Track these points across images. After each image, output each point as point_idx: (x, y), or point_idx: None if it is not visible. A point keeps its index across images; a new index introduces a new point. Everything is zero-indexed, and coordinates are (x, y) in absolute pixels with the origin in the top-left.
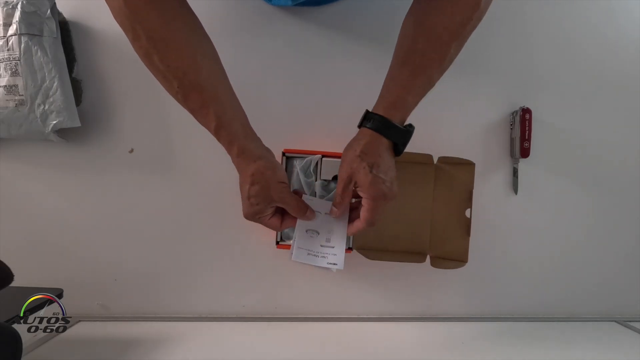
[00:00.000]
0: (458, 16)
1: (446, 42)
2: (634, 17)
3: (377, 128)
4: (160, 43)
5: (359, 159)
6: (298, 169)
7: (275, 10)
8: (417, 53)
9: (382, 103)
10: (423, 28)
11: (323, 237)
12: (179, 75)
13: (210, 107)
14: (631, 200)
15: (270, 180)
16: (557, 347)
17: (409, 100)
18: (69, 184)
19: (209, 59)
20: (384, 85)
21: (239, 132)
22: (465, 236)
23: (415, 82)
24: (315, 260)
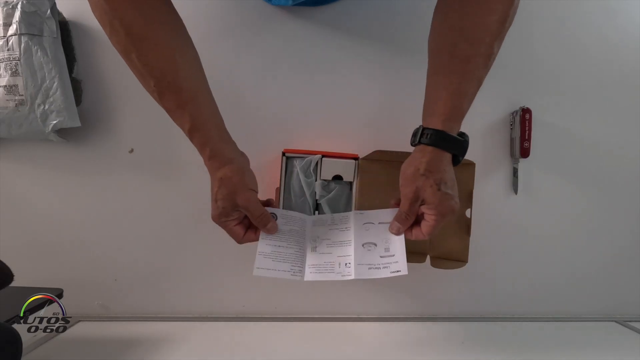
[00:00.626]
0: (495, 15)
1: (488, 44)
2: (634, 17)
3: (437, 143)
4: (138, 41)
5: (424, 177)
6: (298, 169)
7: (275, 10)
8: (462, 59)
9: (436, 115)
10: (462, 32)
11: (381, 248)
12: (157, 75)
13: (185, 109)
14: (631, 200)
15: (237, 184)
16: (557, 347)
17: (464, 108)
18: (69, 184)
19: (189, 60)
20: (432, 95)
21: (212, 135)
22: (465, 236)
23: (467, 89)
24: (378, 273)
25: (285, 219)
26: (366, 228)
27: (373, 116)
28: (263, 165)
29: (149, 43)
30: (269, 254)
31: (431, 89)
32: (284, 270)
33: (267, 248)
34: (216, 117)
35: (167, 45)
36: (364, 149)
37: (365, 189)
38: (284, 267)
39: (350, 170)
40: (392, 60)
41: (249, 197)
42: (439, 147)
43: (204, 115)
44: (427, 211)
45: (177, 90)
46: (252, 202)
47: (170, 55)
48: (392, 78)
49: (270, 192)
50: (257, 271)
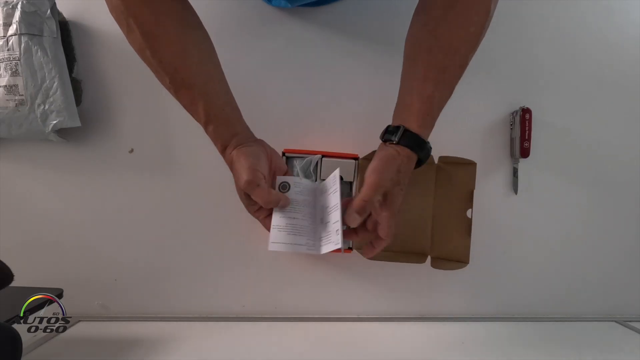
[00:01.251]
0: (472, 27)
1: (464, 55)
2: (633, 17)
3: (413, 147)
4: (152, 38)
5: (398, 176)
6: (298, 169)
7: (275, 11)
8: (438, 68)
9: (413, 120)
10: (439, 41)
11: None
12: (170, 71)
13: (199, 104)
14: (631, 200)
15: (239, 168)
16: (557, 347)
17: (435, 115)
18: (69, 184)
19: (201, 54)
20: (407, 99)
21: (224, 128)
22: (466, 237)
23: (441, 96)
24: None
25: (299, 188)
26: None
27: (373, 116)
28: None
29: (161, 40)
30: (284, 227)
31: (407, 93)
32: (300, 244)
33: (281, 221)
34: (229, 108)
35: (179, 41)
36: (364, 149)
37: None
38: (300, 240)
39: (350, 170)
40: (392, 61)
41: (248, 177)
42: (415, 151)
43: (217, 109)
44: (383, 211)
45: (190, 85)
46: (252, 183)
47: (183, 51)
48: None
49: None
50: (273, 246)
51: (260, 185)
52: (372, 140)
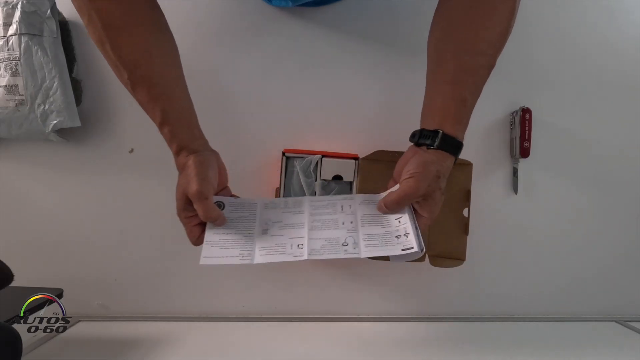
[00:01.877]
0: (497, 27)
1: (492, 55)
2: (633, 17)
3: (452, 151)
4: (114, 33)
5: (439, 181)
6: (298, 169)
7: (275, 11)
8: (467, 71)
9: (448, 122)
10: (465, 45)
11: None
12: (130, 67)
13: (157, 102)
14: (631, 200)
15: (191, 175)
16: (557, 347)
17: (469, 116)
18: (69, 184)
19: (165, 55)
20: (439, 101)
21: (181, 130)
22: (463, 235)
23: (473, 98)
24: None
25: (233, 207)
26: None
27: (373, 116)
28: (263, 165)
29: (125, 35)
30: (217, 243)
31: (438, 96)
32: (232, 256)
33: (214, 237)
34: (188, 113)
35: (143, 39)
36: (364, 149)
37: (365, 189)
38: (233, 252)
39: (350, 170)
40: (393, 61)
41: (199, 187)
42: (454, 153)
43: (175, 111)
44: (422, 211)
45: (150, 84)
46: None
47: (145, 49)
48: (393, 78)
49: (270, 192)
50: (204, 260)
51: (208, 198)
52: (372, 140)
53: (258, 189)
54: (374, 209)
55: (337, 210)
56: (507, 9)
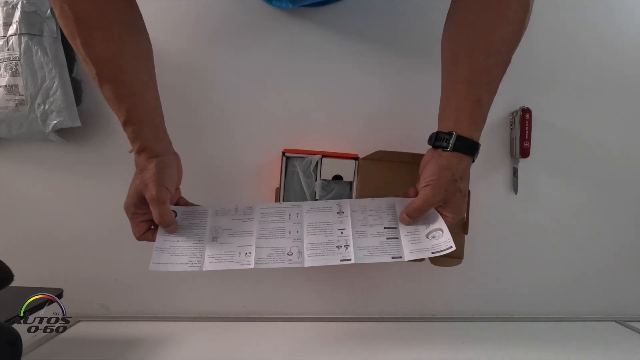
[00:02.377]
0: (511, 26)
1: (506, 53)
2: (633, 17)
3: (469, 152)
4: (86, 29)
5: (456, 184)
6: (298, 169)
7: (275, 11)
8: (481, 71)
9: (463, 123)
10: (479, 44)
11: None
12: (99, 65)
13: (122, 102)
14: (631, 199)
15: (151, 178)
16: (557, 347)
17: (485, 116)
18: (69, 184)
19: (136, 56)
20: (454, 102)
21: (145, 132)
22: (461, 234)
23: (489, 98)
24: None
25: (185, 215)
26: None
27: (373, 116)
28: (263, 165)
29: (97, 33)
30: (167, 249)
31: (453, 96)
32: (181, 263)
33: (165, 244)
34: (154, 114)
35: (115, 38)
36: (364, 149)
37: (365, 189)
38: (182, 260)
39: (350, 170)
40: (393, 61)
41: (157, 193)
42: (470, 154)
43: (141, 112)
44: (446, 213)
45: (118, 83)
46: (159, 200)
47: (117, 49)
48: (393, 78)
49: (270, 192)
50: (153, 266)
51: (165, 203)
52: (372, 140)
53: (258, 189)
54: (320, 217)
55: (285, 219)
56: (521, 7)
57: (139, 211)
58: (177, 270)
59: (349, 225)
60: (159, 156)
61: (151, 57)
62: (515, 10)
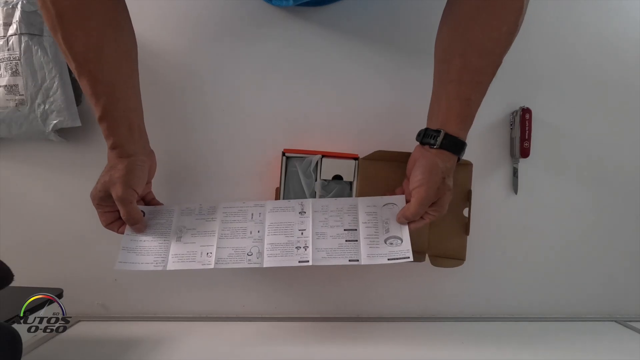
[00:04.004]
0: (505, 26)
1: (499, 54)
2: (633, 18)
3: (455, 150)
4: (68, 23)
5: (445, 182)
6: (298, 169)
7: (275, 10)
8: (473, 70)
9: (452, 122)
10: (472, 44)
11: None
12: (79, 60)
13: (99, 98)
14: (631, 200)
15: (118, 178)
16: (557, 347)
17: (473, 116)
18: (69, 184)
19: (118, 53)
20: (444, 101)
21: (120, 129)
22: (463, 235)
23: (477, 98)
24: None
25: (152, 214)
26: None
27: (373, 116)
28: (263, 165)
29: (78, 29)
30: (133, 249)
31: (443, 96)
32: (146, 262)
33: (131, 243)
34: (131, 113)
35: (96, 34)
36: (364, 149)
37: (365, 189)
38: (147, 259)
39: (350, 170)
40: (393, 61)
41: (123, 194)
42: (456, 154)
43: (118, 109)
44: (430, 211)
45: (96, 80)
46: (125, 200)
47: (98, 46)
48: (393, 78)
49: (270, 192)
50: (119, 265)
51: (132, 202)
52: (372, 140)
53: (258, 189)
54: (282, 217)
55: (247, 218)
56: (515, 8)
57: (104, 203)
58: (142, 270)
59: (310, 226)
60: (130, 156)
61: (134, 55)
62: (509, 12)
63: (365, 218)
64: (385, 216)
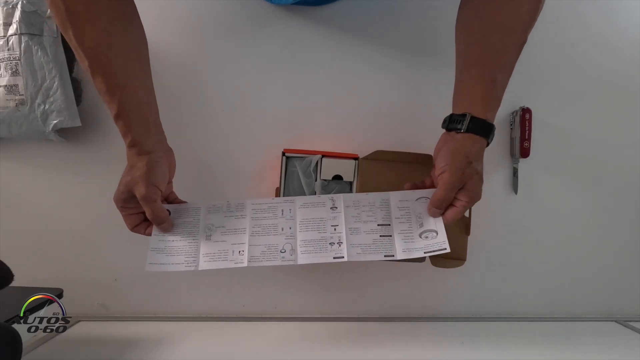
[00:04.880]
0: (525, 5)
1: (522, 32)
2: (633, 18)
3: (481, 132)
4: (77, 19)
5: (472, 166)
6: (298, 169)
7: (275, 9)
8: (496, 51)
9: (477, 104)
10: (493, 25)
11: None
12: (90, 56)
13: (114, 95)
14: (631, 200)
15: (141, 177)
16: (557, 347)
17: (500, 97)
18: (69, 184)
19: (130, 50)
20: (468, 85)
21: (136, 125)
22: (464, 235)
23: (503, 78)
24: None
25: (178, 213)
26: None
27: (373, 116)
28: (263, 165)
29: (88, 24)
30: (162, 250)
31: (467, 79)
32: (177, 263)
33: (160, 244)
34: (146, 107)
35: (107, 29)
36: (364, 149)
37: (365, 189)
38: (177, 260)
39: (350, 170)
40: (393, 60)
41: (146, 192)
42: (483, 135)
43: (132, 104)
44: (461, 197)
45: (109, 75)
46: (149, 198)
47: (109, 40)
48: (393, 78)
49: (270, 192)
50: (150, 267)
51: (156, 201)
52: (372, 140)
53: (258, 189)
54: (313, 213)
55: (277, 215)
56: None
57: (129, 205)
58: (173, 271)
59: (342, 221)
60: (149, 153)
61: (145, 50)
62: None
63: (398, 213)
64: (419, 211)
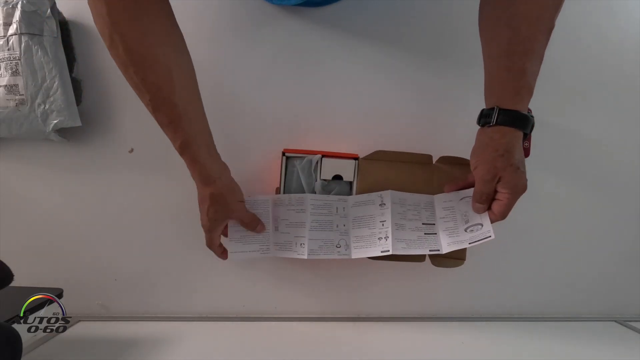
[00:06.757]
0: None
1: (548, 19)
2: (634, 18)
3: (513, 123)
4: (137, 57)
5: (504, 158)
6: (298, 169)
7: (275, 10)
8: (523, 40)
9: (506, 96)
10: (518, 14)
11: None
12: (153, 90)
13: (178, 125)
14: (631, 200)
15: (229, 201)
16: (557, 347)
17: (531, 85)
18: (69, 184)
19: (185, 76)
20: (496, 77)
21: (202, 152)
22: None
23: (533, 66)
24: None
25: (249, 205)
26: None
27: (373, 116)
28: (263, 165)
29: (147, 60)
30: (239, 239)
31: (495, 71)
32: (254, 250)
33: (236, 235)
34: (206, 133)
35: (165, 63)
36: (364, 149)
37: (365, 189)
38: (254, 247)
39: (350, 170)
40: (393, 61)
41: (240, 209)
42: (516, 126)
43: (195, 131)
44: (502, 190)
45: (171, 105)
46: (243, 212)
47: (168, 72)
48: (393, 78)
49: (270, 192)
50: (232, 256)
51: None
52: (372, 140)
53: (258, 189)
54: (364, 210)
55: (333, 212)
56: None
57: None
58: (252, 257)
59: (389, 217)
60: (221, 177)
61: (194, 75)
62: None
63: (442, 213)
64: (464, 209)
